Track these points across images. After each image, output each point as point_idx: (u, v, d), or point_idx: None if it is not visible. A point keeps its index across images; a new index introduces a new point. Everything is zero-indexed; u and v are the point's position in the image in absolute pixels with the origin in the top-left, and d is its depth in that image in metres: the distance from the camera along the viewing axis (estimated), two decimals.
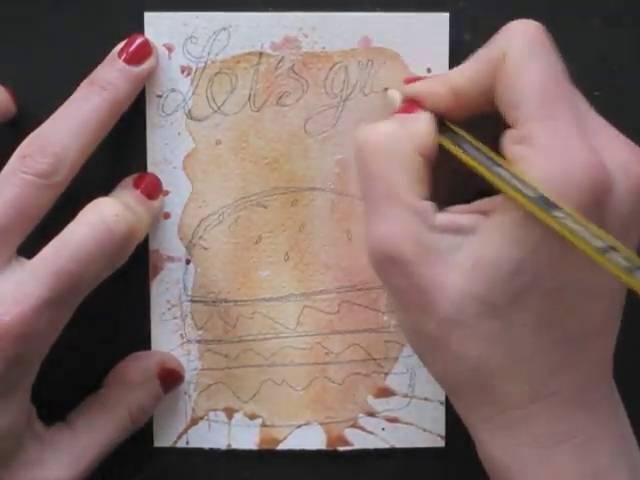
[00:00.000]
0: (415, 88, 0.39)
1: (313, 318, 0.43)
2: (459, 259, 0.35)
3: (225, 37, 0.42)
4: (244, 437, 0.44)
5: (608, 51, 0.42)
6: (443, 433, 0.44)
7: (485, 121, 0.38)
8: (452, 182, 0.38)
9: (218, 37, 0.42)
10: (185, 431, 0.44)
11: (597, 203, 0.34)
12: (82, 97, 0.40)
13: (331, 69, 0.42)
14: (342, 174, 0.43)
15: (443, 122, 0.38)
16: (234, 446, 0.44)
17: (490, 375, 0.36)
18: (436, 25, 0.42)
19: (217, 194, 0.43)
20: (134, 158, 0.42)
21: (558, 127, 0.34)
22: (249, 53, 0.42)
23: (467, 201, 0.37)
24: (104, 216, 0.38)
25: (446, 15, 0.42)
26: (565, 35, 0.41)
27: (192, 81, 0.42)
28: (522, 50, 0.36)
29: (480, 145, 0.37)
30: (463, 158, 0.37)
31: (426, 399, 0.44)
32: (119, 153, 0.42)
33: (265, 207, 0.43)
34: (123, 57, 0.40)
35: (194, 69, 0.42)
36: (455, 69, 0.38)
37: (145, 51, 0.41)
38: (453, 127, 0.38)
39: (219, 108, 0.42)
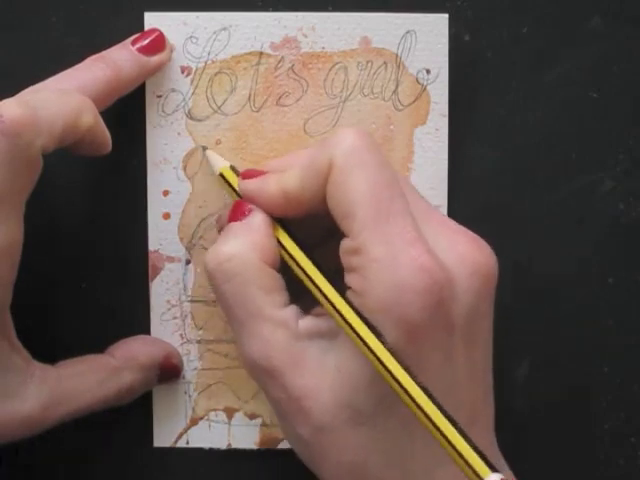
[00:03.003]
0: (247, 187, 0.39)
1: None
2: (327, 363, 0.36)
3: (225, 37, 0.42)
4: (244, 437, 0.44)
5: (608, 51, 0.42)
6: None
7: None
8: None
9: (218, 37, 0.42)
10: (185, 431, 0.44)
11: (439, 302, 0.34)
12: (83, 67, 0.40)
13: (331, 69, 0.42)
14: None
15: (279, 220, 0.38)
16: (234, 446, 0.44)
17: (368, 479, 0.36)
18: (436, 26, 0.42)
19: (217, 194, 0.43)
20: (134, 158, 0.42)
21: (390, 235, 0.35)
22: (249, 53, 0.42)
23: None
24: None
25: (446, 16, 0.42)
26: (565, 35, 0.42)
27: (192, 81, 0.42)
28: (347, 160, 0.35)
29: (304, 260, 0.37)
30: (294, 270, 0.37)
31: None
32: (119, 153, 0.41)
33: None
34: (136, 45, 0.41)
35: (194, 69, 0.42)
36: (289, 171, 0.37)
37: (158, 45, 0.41)
38: (285, 229, 0.38)
39: (219, 108, 0.42)
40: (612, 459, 0.44)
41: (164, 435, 0.44)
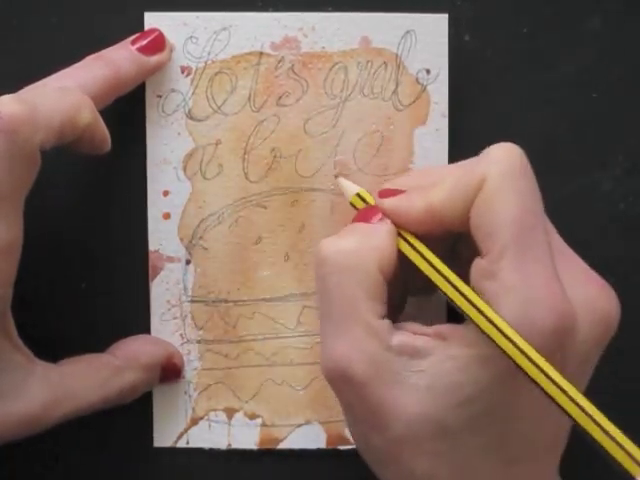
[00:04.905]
0: (387, 204, 0.38)
1: (313, 318, 0.43)
2: (414, 380, 0.35)
3: (225, 37, 0.42)
4: (244, 437, 0.44)
5: (608, 51, 0.42)
6: None
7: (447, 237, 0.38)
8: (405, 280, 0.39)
9: (218, 37, 0.42)
10: (185, 431, 0.44)
11: (559, 346, 0.34)
12: (83, 66, 0.40)
13: (331, 69, 0.42)
14: (342, 175, 0.43)
15: (400, 232, 0.38)
16: (234, 446, 0.44)
17: None
18: (436, 26, 0.42)
19: (217, 194, 0.43)
20: (134, 158, 0.42)
21: (528, 266, 0.34)
22: (249, 53, 0.42)
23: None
24: None
25: (445, 16, 0.42)
26: (565, 35, 0.42)
27: (192, 81, 0.42)
28: (501, 179, 0.35)
29: (439, 262, 0.37)
30: (431, 276, 0.37)
31: None
32: (119, 153, 0.41)
33: (265, 207, 0.43)
34: (136, 45, 0.41)
35: (194, 69, 0.42)
36: (437, 186, 0.37)
37: (158, 45, 0.41)
38: (413, 239, 0.37)
39: (219, 108, 0.42)
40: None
41: (164, 435, 0.44)
